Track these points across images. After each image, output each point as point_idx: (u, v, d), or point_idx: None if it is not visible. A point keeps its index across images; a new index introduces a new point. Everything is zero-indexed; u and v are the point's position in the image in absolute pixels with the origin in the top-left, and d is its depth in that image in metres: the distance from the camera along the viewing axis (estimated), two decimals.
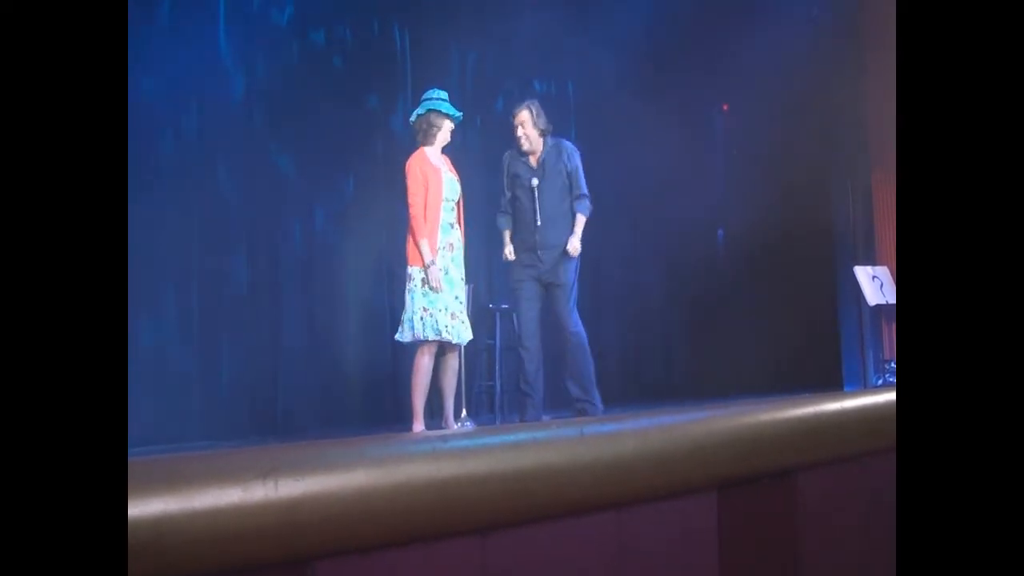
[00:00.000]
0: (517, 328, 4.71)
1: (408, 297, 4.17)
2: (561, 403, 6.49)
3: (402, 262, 4.28)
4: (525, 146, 4.67)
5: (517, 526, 1.42)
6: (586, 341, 4.59)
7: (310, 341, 5.71)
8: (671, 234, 7.44)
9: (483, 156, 6.63)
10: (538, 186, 4.57)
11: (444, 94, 4.42)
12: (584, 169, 4.74)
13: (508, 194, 4.71)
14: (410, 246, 4.17)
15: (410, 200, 4.17)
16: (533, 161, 4.68)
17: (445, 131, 4.35)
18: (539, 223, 4.53)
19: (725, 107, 8.00)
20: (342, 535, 1.21)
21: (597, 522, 1.56)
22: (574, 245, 4.54)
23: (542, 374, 4.61)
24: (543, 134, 4.68)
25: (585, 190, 4.66)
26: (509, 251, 4.63)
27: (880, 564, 2.05)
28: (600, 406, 4.57)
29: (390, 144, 5.91)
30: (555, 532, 1.49)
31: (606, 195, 7.36)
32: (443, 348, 4.23)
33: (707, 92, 7.62)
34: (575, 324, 4.58)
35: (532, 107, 4.67)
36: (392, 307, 4.33)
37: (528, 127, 4.64)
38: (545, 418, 4.89)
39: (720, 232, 7.99)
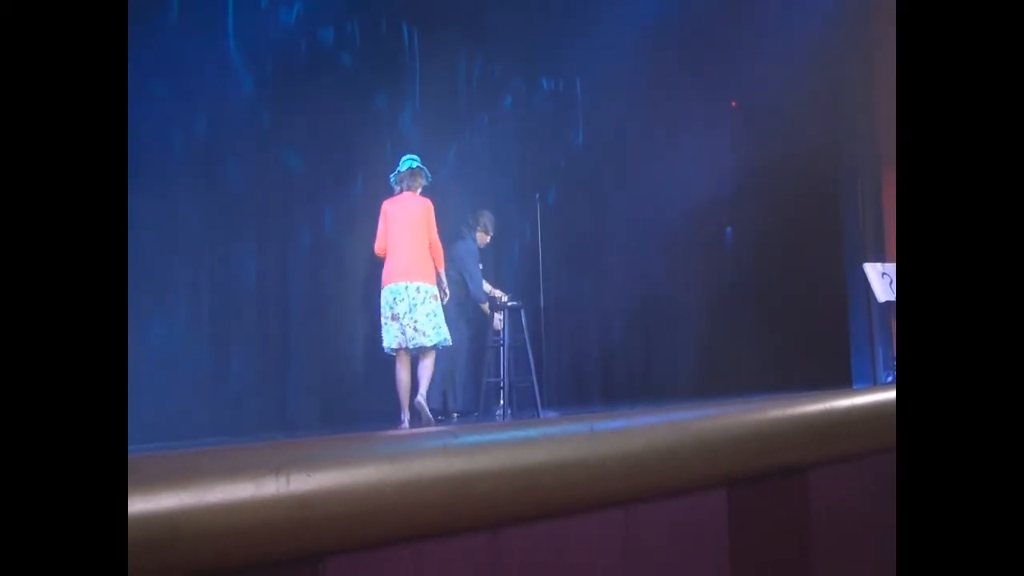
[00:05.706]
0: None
1: (441, 309, 4.92)
2: (569, 399, 6.48)
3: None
4: None
5: (528, 522, 1.42)
6: None
7: (319, 338, 5.72)
8: (679, 232, 7.42)
9: (491, 154, 6.61)
10: None
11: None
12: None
13: None
14: (432, 268, 4.90)
15: (435, 232, 4.93)
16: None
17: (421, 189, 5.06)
18: None
19: (734, 104, 7.98)
20: (353, 531, 1.21)
21: (607, 518, 1.56)
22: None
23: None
24: None
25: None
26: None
27: (891, 561, 2.04)
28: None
29: (398, 143, 5.91)
30: (565, 528, 1.49)
31: (614, 193, 7.36)
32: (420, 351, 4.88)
33: (716, 89, 7.59)
34: None
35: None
36: None
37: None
38: (552, 414, 4.89)
39: (728, 230, 7.97)
